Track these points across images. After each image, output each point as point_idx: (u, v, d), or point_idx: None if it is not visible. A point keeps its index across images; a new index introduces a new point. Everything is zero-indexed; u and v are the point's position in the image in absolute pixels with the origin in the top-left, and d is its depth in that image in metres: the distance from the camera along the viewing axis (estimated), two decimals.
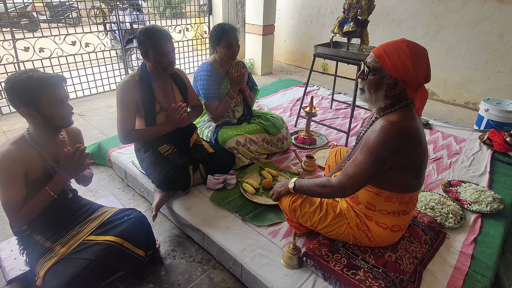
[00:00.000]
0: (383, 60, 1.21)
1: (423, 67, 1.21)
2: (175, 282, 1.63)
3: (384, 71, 1.22)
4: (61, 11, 4.24)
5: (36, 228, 1.46)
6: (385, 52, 1.21)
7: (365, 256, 1.48)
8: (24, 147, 1.34)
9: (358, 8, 2.42)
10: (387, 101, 1.27)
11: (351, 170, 1.28)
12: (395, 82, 1.22)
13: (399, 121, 1.22)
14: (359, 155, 1.26)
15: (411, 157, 1.24)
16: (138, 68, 1.95)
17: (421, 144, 1.26)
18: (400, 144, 1.21)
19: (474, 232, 1.79)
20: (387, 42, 1.25)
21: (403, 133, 1.21)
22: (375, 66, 1.24)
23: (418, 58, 1.19)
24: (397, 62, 1.18)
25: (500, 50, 3.64)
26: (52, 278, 1.32)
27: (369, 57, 1.27)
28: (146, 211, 2.12)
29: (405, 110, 1.26)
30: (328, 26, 5.01)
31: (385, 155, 1.21)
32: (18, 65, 3.42)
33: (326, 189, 1.36)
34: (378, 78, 1.24)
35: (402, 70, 1.19)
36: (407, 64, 1.17)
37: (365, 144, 1.25)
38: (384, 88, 1.24)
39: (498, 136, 2.71)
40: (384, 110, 1.30)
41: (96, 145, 2.66)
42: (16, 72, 1.30)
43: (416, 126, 1.24)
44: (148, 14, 4.97)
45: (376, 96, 1.27)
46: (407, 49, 1.18)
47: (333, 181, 1.34)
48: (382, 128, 1.21)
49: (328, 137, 2.86)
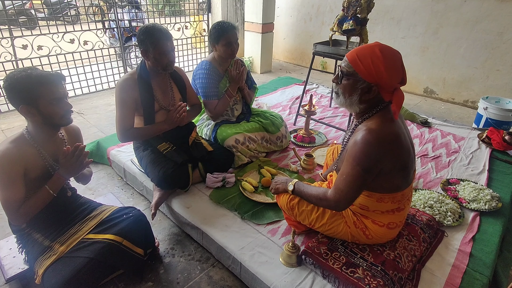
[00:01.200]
0: (356, 64, 1.21)
1: (397, 71, 1.20)
2: (174, 280, 1.63)
3: (357, 75, 1.22)
4: (59, 8, 4.23)
5: (35, 226, 1.46)
6: (358, 56, 1.20)
7: (363, 254, 1.48)
8: (23, 146, 1.33)
9: (357, 6, 2.42)
10: (361, 106, 1.27)
11: (341, 184, 1.28)
12: (369, 86, 1.22)
13: (378, 128, 1.22)
14: (345, 168, 1.26)
15: (395, 160, 1.25)
16: (137, 66, 1.94)
17: (403, 146, 1.25)
18: (382, 152, 1.21)
19: (473, 230, 1.79)
20: (360, 46, 1.25)
21: (383, 141, 1.20)
22: (349, 71, 1.24)
23: (391, 62, 1.18)
24: (370, 66, 1.18)
25: (499, 48, 3.64)
26: (51, 276, 1.32)
27: (343, 61, 1.27)
28: (145, 209, 2.12)
29: (383, 114, 1.26)
30: (328, 24, 5.00)
31: (370, 165, 1.21)
32: (16, 63, 3.40)
33: (323, 202, 1.37)
34: (352, 82, 1.24)
35: (375, 75, 1.18)
36: (380, 68, 1.17)
37: (349, 156, 1.25)
38: (358, 93, 1.24)
39: (496, 135, 2.72)
40: (362, 116, 1.30)
41: (95, 143, 2.66)
42: (15, 70, 1.30)
43: (394, 130, 1.24)
44: (147, 12, 4.96)
45: (350, 100, 1.27)
46: (380, 54, 1.17)
47: (329, 196, 1.33)
48: (363, 139, 1.20)
49: (327, 135, 2.87)
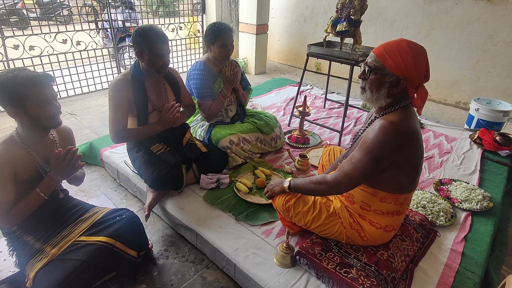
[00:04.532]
0: (384, 58, 1.23)
1: (424, 65, 1.23)
2: (168, 282, 1.62)
3: (385, 69, 1.23)
4: (52, 8, 4.18)
5: (26, 229, 1.43)
6: (386, 51, 1.23)
7: (357, 255, 1.49)
8: (12, 148, 1.31)
9: (351, 8, 2.43)
10: (388, 100, 1.28)
11: (348, 167, 1.29)
12: (397, 80, 1.23)
13: (399, 121, 1.23)
14: (356, 153, 1.27)
15: (409, 157, 1.26)
16: (131, 66, 1.93)
17: (419, 145, 1.27)
18: (398, 143, 1.22)
19: (465, 230, 1.81)
20: (386, 42, 1.27)
21: (402, 133, 1.22)
22: (377, 65, 1.25)
23: (418, 56, 1.21)
24: (398, 59, 1.20)
25: (490, 50, 3.70)
26: (42, 279, 1.30)
27: (369, 57, 1.29)
28: (139, 211, 2.11)
29: (404, 111, 1.28)
30: (322, 26, 5.03)
31: (383, 154, 1.22)
32: (7, 63, 3.36)
33: (321, 186, 1.37)
34: (380, 76, 1.25)
35: (404, 68, 1.20)
36: (409, 61, 1.19)
37: (364, 142, 1.26)
38: (386, 87, 1.25)
39: (488, 135, 2.76)
40: (384, 110, 1.31)
41: (88, 144, 2.63)
42: (2, 71, 1.27)
43: (415, 127, 1.26)
44: (141, 13, 4.93)
45: (378, 95, 1.28)
46: (408, 47, 1.20)
47: (328, 178, 1.35)
48: (382, 127, 1.22)
49: (321, 136, 2.88)
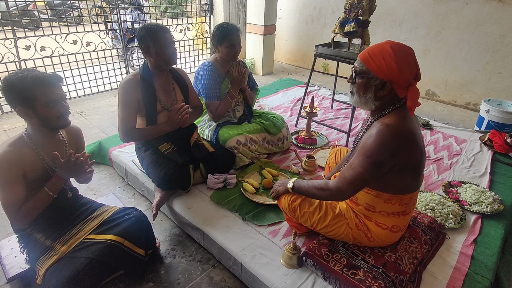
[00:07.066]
0: (368, 62, 1.24)
1: (410, 66, 1.22)
2: (175, 281, 1.63)
3: (370, 73, 1.25)
4: (62, 10, 4.25)
5: (36, 226, 1.46)
6: (369, 55, 1.24)
7: (364, 256, 1.48)
8: (21, 148, 1.33)
9: (359, 8, 2.42)
10: (376, 102, 1.29)
11: (348, 174, 1.29)
12: (382, 83, 1.24)
13: (395, 123, 1.23)
14: (356, 159, 1.28)
15: (409, 158, 1.25)
16: (140, 67, 1.95)
17: (418, 145, 1.26)
18: (397, 147, 1.21)
19: (474, 233, 1.79)
20: (371, 46, 1.29)
21: (400, 136, 1.22)
22: (362, 69, 1.27)
23: (402, 58, 1.20)
24: (381, 63, 1.21)
25: (501, 51, 3.64)
26: (52, 276, 1.32)
27: (356, 62, 1.31)
28: (147, 210, 2.12)
29: (399, 112, 1.27)
30: (329, 26, 5.01)
31: (383, 159, 1.22)
32: (19, 63, 3.42)
33: (324, 192, 1.38)
34: (366, 80, 1.27)
35: (387, 71, 1.21)
36: (392, 64, 1.19)
37: (362, 148, 1.26)
38: (372, 90, 1.27)
39: (498, 137, 2.71)
40: (378, 113, 1.32)
41: (97, 144, 2.66)
42: (12, 72, 1.30)
43: (412, 128, 1.25)
44: (149, 14, 4.98)
45: (365, 98, 1.30)
46: (391, 50, 1.20)
47: (331, 185, 1.35)
48: (379, 131, 1.22)
49: (328, 137, 2.87)
